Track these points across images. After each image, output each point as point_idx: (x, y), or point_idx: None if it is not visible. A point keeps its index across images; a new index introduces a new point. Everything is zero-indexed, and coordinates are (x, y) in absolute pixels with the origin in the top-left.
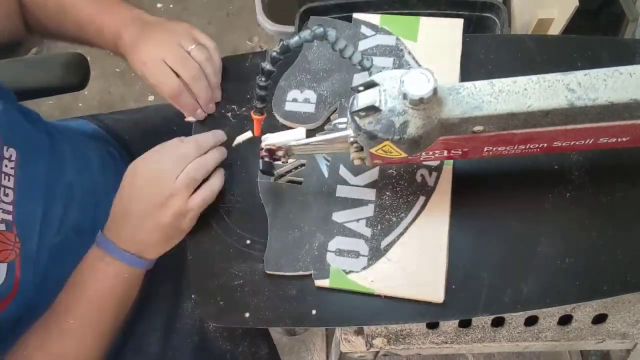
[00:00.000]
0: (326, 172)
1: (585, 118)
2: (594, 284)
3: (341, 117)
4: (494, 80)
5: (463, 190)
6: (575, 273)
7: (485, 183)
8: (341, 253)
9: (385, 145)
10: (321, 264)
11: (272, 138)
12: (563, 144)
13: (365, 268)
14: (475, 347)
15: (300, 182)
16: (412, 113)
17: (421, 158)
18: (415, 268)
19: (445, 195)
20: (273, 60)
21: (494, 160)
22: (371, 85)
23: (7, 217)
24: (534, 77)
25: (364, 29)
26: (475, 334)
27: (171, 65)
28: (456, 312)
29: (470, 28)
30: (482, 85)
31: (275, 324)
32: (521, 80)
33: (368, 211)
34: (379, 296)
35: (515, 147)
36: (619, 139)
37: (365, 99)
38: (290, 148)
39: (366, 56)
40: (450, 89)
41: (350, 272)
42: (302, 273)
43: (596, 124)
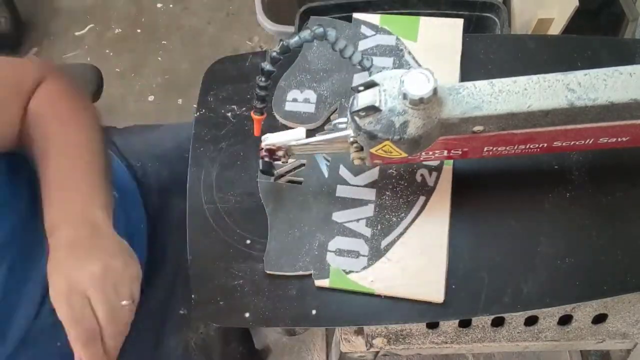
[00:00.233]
0: (326, 172)
1: (585, 118)
2: (594, 284)
3: (341, 117)
4: (494, 80)
5: (463, 190)
6: (575, 273)
7: (485, 183)
8: (341, 253)
9: (385, 145)
10: (321, 264)
11: (272, 138)
12: (563, 144)
13: (365, 268)
14: (475, 347)
15: (300, 182)
16: (412, 113)
17: (421, 158)
18: (415, 268)
19: (445, 195)
20: (273, 60)
21: (494, 160)
22: (371, 85)
23: None
24: (534, 77)
25: (364, 29)
26: (475, 334)
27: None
28: (456, 312)
29: (470, 28)
30: (482, 85)
31: (275, 324)
32: (521, 80)
33: (368, 211)
34: (379, 296)
35: (515, 147)
36: (619, 139)
37: (365, 99)
38: (290, 148)
39: (366, 56)
40: (450, 89)
41: (350, 272)
42: (302, 273)
43: (596, 124)
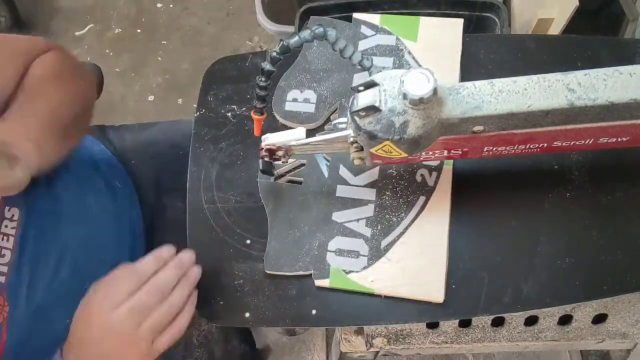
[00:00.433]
0: (326, 172)
1: (585, 118)
2: (594, 284)
3: (341, 117)
4: (494, 80)
5: (463, 190)
6: (575, 273)
7: (485, 183)
8: (341, 253)
9: (385, 145)
10: (321, 264)
11: (272, 138)
12: (563, 144)
13: (365, 268)
14: (475, 347)
15: (300, 182)
16: (412, 113)
17: (421, 158)
18: (415, 268)
19: (445, 195)
20: (273, 60)
21: (494, 160)
22: (371, 85)
23: (0, 279)
24: (534, 77)
25: (364, 29)
26: (475, 334)
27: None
28: (456, 312)
29: (470, 28)
30: (482, 85)
31: (275, 324)
32: (521, 80)
33: (368, 211)
34: (379, 296)
35: (515, 147)
36: (619, 139)
37: (365, 99)
38: (290, 148)
39: (366, 56)
40: (450, 89)
41: (350, 272)
42: (302, 273)
43: (596, 124)
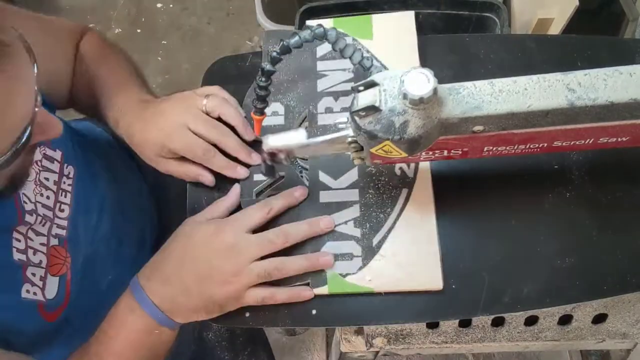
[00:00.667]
0: (306, 181)
1: (585, 118)
2: (594, 284)
3: (311, 124)
4: (494, 80)
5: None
6: (575, 273)
7: (485, 183)
8: (335, 257)
9: (385, 145)
10: (317, 272)
11: (272, 139)
12: (563, 144)
13: (361, 268)
14: (475, 347)
15: None
16: (412, 113)
17: (421, 158)
18: (409, 260)
19: (426, 183)
20: (273, 60)
21: (494, 160)
22: (371, 85)
23: (61, 233)
24: (534, 77)
25: None
26: (475, 334)
27: (194, 129)
28: (456, 312)
29: (470, 28)
30: (482, 85)
31: (275, 324)
32: (521, 80)
33: (354, 212)
34: (379, 294)
35: (515, 147)
36: (619, 139)
37: (365, 99)
38: (292, 150)
39: (366, 56)
40: (450, 89)
41: (347, 275)
42: (300, 283)
43: (596, 124)
